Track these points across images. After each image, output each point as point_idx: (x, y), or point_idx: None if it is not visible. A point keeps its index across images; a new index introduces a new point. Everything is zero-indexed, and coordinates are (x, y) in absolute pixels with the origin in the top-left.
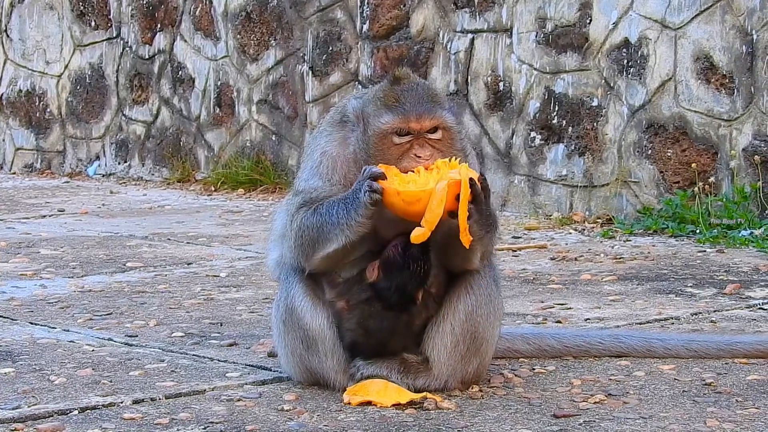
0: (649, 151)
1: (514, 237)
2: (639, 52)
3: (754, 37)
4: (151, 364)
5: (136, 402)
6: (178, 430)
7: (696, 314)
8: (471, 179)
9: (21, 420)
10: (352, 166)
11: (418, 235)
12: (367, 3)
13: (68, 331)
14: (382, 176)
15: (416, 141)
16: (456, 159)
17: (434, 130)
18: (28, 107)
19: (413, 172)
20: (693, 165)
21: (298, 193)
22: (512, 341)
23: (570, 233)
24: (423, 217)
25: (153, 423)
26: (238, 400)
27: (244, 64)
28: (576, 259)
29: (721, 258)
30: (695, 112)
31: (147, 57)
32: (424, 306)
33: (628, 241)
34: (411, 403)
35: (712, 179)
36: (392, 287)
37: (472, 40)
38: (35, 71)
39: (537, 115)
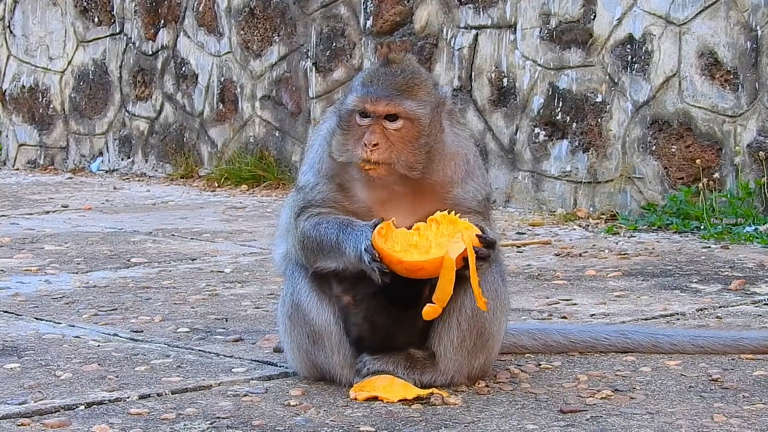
0: (654, 147)
1: (518, 233)
2: (643, 48)
3: (759, 33)
4: (156, 360)
5: (142, 397)
6: (184, 425)
7: (701, 310)
8: (477, 236)
9: (27, 415)
10: None
11: (429, 311)
12: None
13: (73, 326)
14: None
15: (372, 126)
16: (455, 214)
17: (394, 117)
18: (31, 103)
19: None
20: (697, 161)
21: (299, 189)
22: (518, 337)
23: (574, 229)
24: (428, 277)
25: (159, 418)
26: (245, 396)
27: (248, 60)
28: (580, 255)
29: (725, 254)
30: (699, 108)
31: (150, 53)
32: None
33: (632, 237)
34: (417, 399)
35: (716, 175)
36: (399, 282)
37: (476, 36)
38: (38, 67)
39: (541, 111)
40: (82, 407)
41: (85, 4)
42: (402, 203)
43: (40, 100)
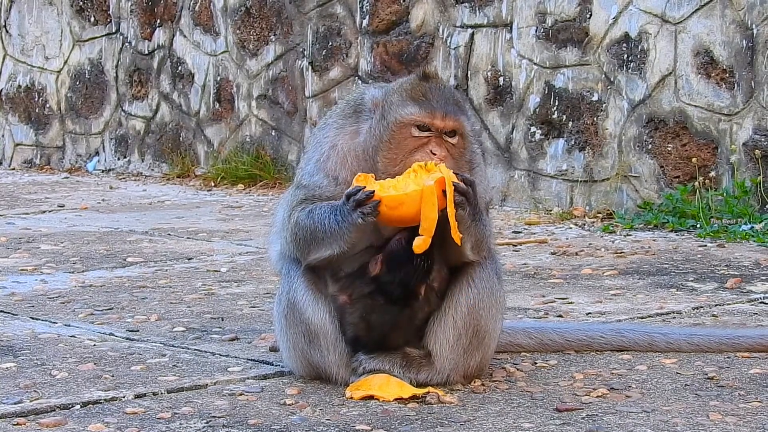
0: (650, 145)
1: (514, 232)
2: (639, 47)
3: (755, 31)
4: (152, 359)
5: (138, 396)
6: (180, 424)
7: (697, 308)
8: (455, 173)
9: (23, 414)
10: (361, 159)
11: (419, 244)
12: None
13: (69, 325)
14: (369, 196)
15: (434, 139)
16: (434, 163)
17: (453, 133)
18: (27, 103)
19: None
20: (693, 159)
21: (301, 186)
22: (514, 335)
23: (570, 228)
24: (410, 221)
25: (155, 417)
26: (240, 395)
27: (244, 59)
28: (577, 253)
29: (721, 252)
30: (695, 106)
31: (146, 52)
32: (427, 300)
33: (628, 235)
34: (413, 398)
35: (712, 174)
36: (395, 281)
37: (472, 34)
38: (34, 67)
39: (537, 109)
40: (78, 406)
41: (81, 3)
42: None
43: (36, 99)
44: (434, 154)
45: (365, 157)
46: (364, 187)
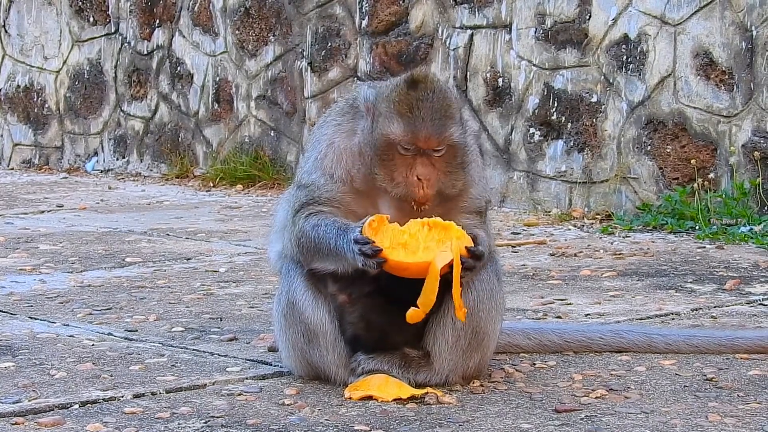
0: (649, 147)
1: (513, 233)
2: (638, 48)
3: (754, 33)
4: (151, 359)
5: (136, 396)
6: (179, 424)
7: (696, 310)
8: (466, 248)
9: (22, 414)
10: (357, 158)
11: (412, 315)
12: None
13: (68, 325)
14: (377, 253)
15: (420, 158)
16: (454, 225)
17: (440, 148)
18: (26, 103)
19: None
20: (692, 161)
21: (301, 186)
22: (513, 336)
23: (569, 229)
24: (414, 277)
25: (154, 417)
26: (239, 395)
27: (243, 59)
28: (575, 254)
29: (720, 254)
30: (695, 108)
31: (145, 53)
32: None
33: (627, 237)
34: (412, 398)
35: (711, 175)
36: (395, 281)
37: (471, 35)
38: (33, 67)
39: (536, 111)
40: (77, 406)
41: (80, 3)
42: (420, 213)
43: (35, 99)
44: (419, 179)
45: (361, 159)
46: (373, 241)
